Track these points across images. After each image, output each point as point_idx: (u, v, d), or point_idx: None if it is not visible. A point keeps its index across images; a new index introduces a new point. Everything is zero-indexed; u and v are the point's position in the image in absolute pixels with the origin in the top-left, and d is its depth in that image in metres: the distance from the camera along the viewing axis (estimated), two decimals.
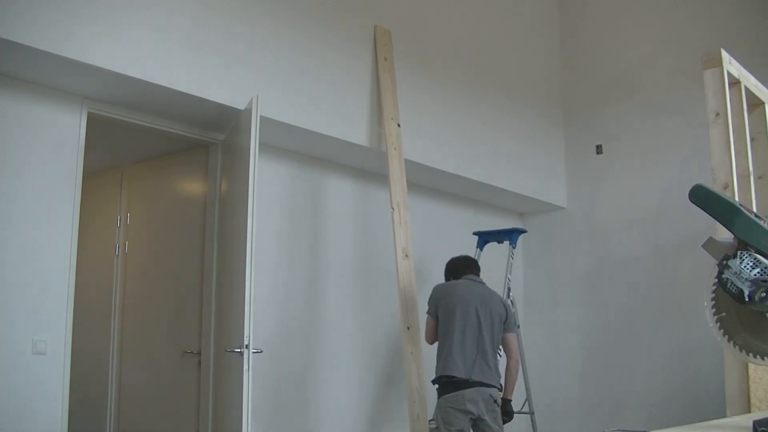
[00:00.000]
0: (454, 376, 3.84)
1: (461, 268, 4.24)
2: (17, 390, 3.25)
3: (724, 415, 3.04)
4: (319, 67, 4.33)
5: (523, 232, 5.20)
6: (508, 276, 4.88)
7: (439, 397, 3.93)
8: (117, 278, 4.79)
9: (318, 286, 4.73)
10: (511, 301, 4.87)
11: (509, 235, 5.02)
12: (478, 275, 4.23)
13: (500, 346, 4.13)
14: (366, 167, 5.02)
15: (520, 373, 4.89)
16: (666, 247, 5.71)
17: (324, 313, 4.73)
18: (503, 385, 4.04)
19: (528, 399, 5.02)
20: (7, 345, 3.25)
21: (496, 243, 5.17)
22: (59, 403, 3.39)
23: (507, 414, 4.09)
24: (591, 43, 6.57)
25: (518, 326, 4.98)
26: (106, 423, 4.56)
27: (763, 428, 1.44)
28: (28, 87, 3.43)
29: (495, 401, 3.90)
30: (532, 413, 5.01)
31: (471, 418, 3.86)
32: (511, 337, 4.10)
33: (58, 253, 3.48)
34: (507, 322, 4.07)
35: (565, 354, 6.27)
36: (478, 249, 5.07)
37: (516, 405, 4.82)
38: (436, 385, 3.96)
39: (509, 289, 4.85)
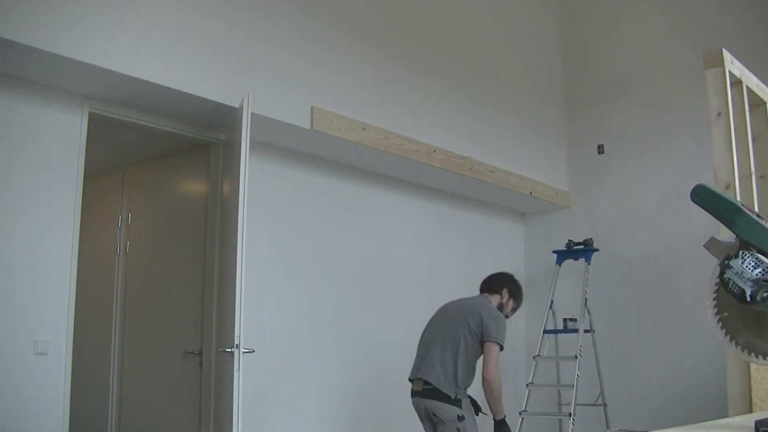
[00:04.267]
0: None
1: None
2: (19, 390, 3.25)
3: (725, 415, 3.03)
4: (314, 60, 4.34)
5: (596, 250, 5.82)
6: (585, 288, 5.59)
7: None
8: (118, 278, 4.79)
9: (315, 288, 4.73)
10: (588, 310, 5.55)
11: (584, 254, 5.78)
12: (485, 292, 4.08)
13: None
14: (368, 167, 5.02)
15: (594, 366, 5.49)
16: (667, 246, 5.70)
17: (319, 314, 4.73)
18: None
19: (602, 392, 5.58)
20: (9, 345, 3.25)
21: (572, 260, 5.87)
22: (60, 403, 3.39)
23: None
24: (592, 44, 6.57)
25: (594, 331, 5.67)
26: (107, 423, 4.56)
27: (765, 428, 1.44)
28: (29, 87, 3.43)
29: (434, 414, 3.70)
30: (604, 405, 5.58)
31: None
32: (487, 345, 3.73)
33: (59, 253, 3.48)
34: (489, 329, 3.74)
35: (566, 353, 6.25)
36: (557, 265, 5.89)
37: (590, 398, 5.58)
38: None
39: (586, 300, 5.55)
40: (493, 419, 3.77)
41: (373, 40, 4.76)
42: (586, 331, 5.58)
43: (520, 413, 5.24)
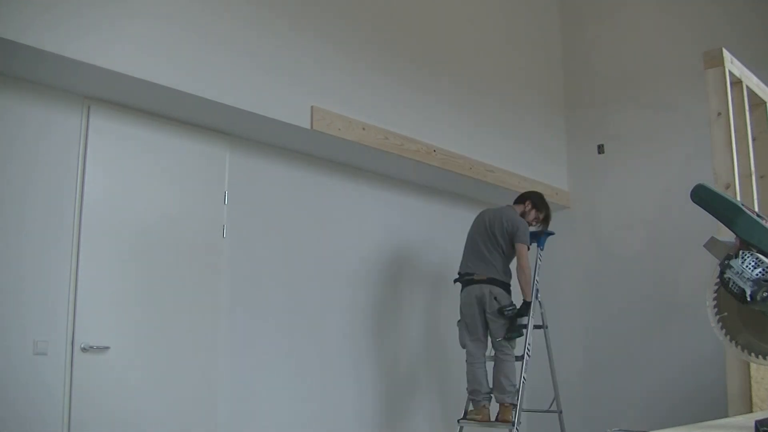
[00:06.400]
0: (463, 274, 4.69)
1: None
2: (19, 391, 3.25)
3: (725, 415, 3.03)
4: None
5: (551, 234, 5.15)
6: (536, 278, 4.89)
7: None
8: None
9: (316, 287, 4.73)
10: (540, 303, 5.01)
11: (537, 238, 5.06)
12: (515, 203, 4.89)
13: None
14: (368, 167, 5.03)
15: (549, 372, 5.09)
16: (668, 246, 5.70)
17: (321, 313, 4.74)
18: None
19: (556, 398, 5.02)
20: (9, 345, 3.25)
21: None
22: (60, 403, 3.39)
23: (511, 322, 4.53)
24: (592, 44, 6.56)
25: (546, 326, 5.10)
26: None
27: (765, 428, 1.44)
28: (29, 87, 3.44)
29: (495, 298, 4.53)
30: (560, 412, 4.98)
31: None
32: (517, 246, 4.60)
33: (60, 253, 3.48)
34: (516, 234, 4.60)
35: (566, 353, 6.25)
36: None
37: (544, 404, 5.07)
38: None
39: (537, 290, 4.89)
40: (524, 300, 4.59)
41: (374, 41, 4.76)
42: (537, 326, 4.91)
43: (458, 421, 4.60)
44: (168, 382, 3.86)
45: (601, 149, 6.31)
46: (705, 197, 1.55)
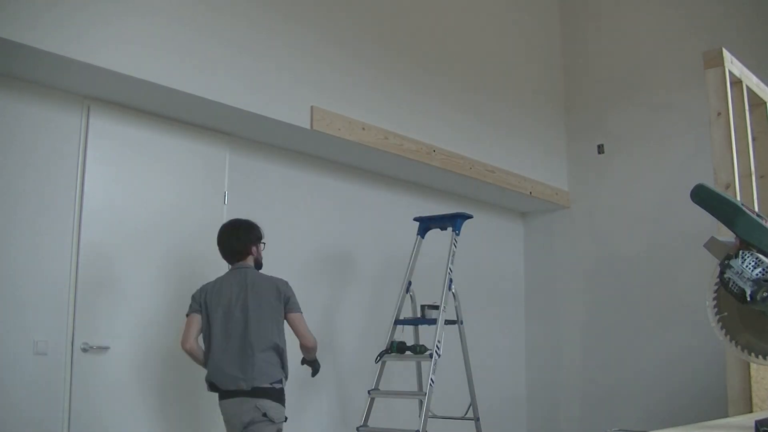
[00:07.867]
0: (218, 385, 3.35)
1: (228, 251, 3.52)
2: (19, 391, 3.25)
3: (725, 415, 3.03)
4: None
5: (469, 217, 4.52)
6: (450, 266, 4.24)
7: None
8: None
9: (317, 287, 4.73)
10: (453, 294, 4.28)
11: (453, 221, 4.41)
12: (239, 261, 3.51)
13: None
14: (368, 167, 5.02)
15: (464, 376, 4.46)
16: (668, 246, 5.71)
17: (323, 313, 4.73)
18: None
19: (473, 404, 4.44)
20: (9, 345, 3.25)
21: (439, 229, 4.59)
22: (60, 403, 3.39)
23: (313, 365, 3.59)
24: (592, 44, 6.57)
25: (461, 322, 4.41)
26: None
27: (765, 428, 1.44)
28: (29, 87, 3.44)
29: (264, 414, 3.25)
30: (477, 419, 4.37)
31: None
32: (295, 317, 3.43)
33: (60, 253, 3.48)
34: (288, 304, 3.43)
35: (566, 353, 6.27)
36: (419, 236, 4.58)
37: (459, 410, 4.43)
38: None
39: (451, 280, 4.26)
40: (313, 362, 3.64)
41: (373, 41, 4.76)
42: (449, 322, 4.28)
43: (358, 429, 4.12)
44: (168, 382, 3.86)
45: (601, 149, 6.32)
46: (705, 197, 1.55)
